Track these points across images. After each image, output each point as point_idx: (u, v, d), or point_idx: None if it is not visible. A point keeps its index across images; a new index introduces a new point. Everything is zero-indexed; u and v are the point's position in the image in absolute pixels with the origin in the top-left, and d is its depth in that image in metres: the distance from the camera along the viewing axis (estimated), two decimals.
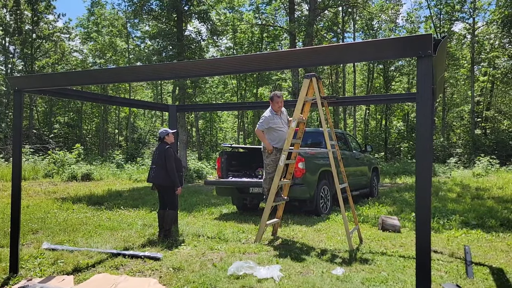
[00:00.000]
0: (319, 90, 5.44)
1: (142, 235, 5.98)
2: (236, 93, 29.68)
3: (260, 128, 5.80)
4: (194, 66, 3.96)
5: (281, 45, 27.73)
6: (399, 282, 3.87)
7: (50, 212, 8.00)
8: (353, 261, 4.62)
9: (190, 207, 8.70)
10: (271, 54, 3.56)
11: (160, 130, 6.02)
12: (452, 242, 5.63)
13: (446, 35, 4.74)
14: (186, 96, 18.53)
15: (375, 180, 10.83)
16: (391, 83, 29.60)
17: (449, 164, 19.48)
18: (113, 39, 29.41)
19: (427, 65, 2.78)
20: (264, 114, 5.85)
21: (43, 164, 16.49)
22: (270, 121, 5.76)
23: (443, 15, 27.16)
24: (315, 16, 19.84)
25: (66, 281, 3.96)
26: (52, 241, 5.56)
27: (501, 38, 25.04)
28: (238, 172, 8.44)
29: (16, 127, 4.33)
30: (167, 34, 17.74)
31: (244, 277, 4.02)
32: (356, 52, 3.19)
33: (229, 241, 5.63)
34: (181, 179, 5.90)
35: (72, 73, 5.31)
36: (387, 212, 8.02)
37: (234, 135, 36.12)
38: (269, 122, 5.76)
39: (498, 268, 4.40)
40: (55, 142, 26.31)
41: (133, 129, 32.47)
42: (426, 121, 2.78)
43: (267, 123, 5.76)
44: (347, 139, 9.96)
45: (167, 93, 33.49)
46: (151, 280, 3.98)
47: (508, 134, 24.44)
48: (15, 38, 27.14)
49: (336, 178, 5.29)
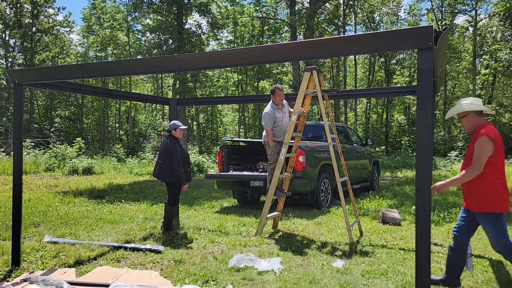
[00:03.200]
0: (320, 83, 5.42)
1: (143, 228, 6.01)
2: (237, 87, 29.61)
3: (268, 127, 5.75)
4: (195, 59, 3.95)
5: (282, 38, 27.60)
6: (399, 275, 3.89)
7: (51, 206, 8.03)
8: (353, 254, 4.64)
9: (191, 201, 8.73)
10: (274, 46, 3.54)
11: (170, 122, 5.83)
12: (452, 235, 5.63)
13: (448, 27, 4.71)
14: (186, 90, 18.50)
15: (376, 174, 10.84)
16: (392, 77, 29.49)
17: (450, 157, 19.48)
18: (114, 33, 29.30)
19: (428, 57, 2.76)
20: (266, 111, 5.78)
21: (44, 158, 16.53)
22: (272, 116, 5.75)
23: (445, 7, 26.99)
24: (316, 9, 19.73)
25: (68, 274, 3.98)
26: (54, 234, 5.59)
27: (503, 31, 24.89)
28: (239, 166, 8.44)
29: (17, 121, 4.33)
30: (167, 27, 17.67)
31: (244, 269, 4.04)
32: (357, 44, 3.16)
33: (230, 234, 5.65)
34: (188, 175, 5.80)
35: (73, 66, 5.30)
36: (387, 205, 8.03)
37: (235, 128, 36.09)
38: (271, 118, 5.75)
39: (498, 260, 4.42)
40: (56, 136, 26.33)
41: (133, 123, 32.47)
42: (427, 114, 2.77)
43: (270, 120, 5.74)
44: (348, 132, 9.95)
45: (168, 87, 33.46)
46: (152, 273, 4.00)
47: (509, 127, 24.39)
48: (15, 32, 27.06)
49: (336, 171, 5.29)
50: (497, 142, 3.30)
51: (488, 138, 3.26)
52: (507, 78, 27.77)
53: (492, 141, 3.26)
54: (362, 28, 28.80)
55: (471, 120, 3.45)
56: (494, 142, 3.27)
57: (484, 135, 3.28)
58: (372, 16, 28.11)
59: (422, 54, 2.77)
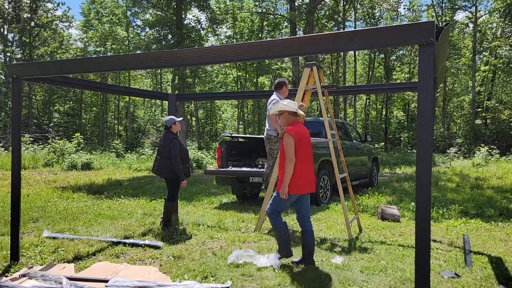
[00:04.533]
0: (320, 79, 5.40)
1: (142, 224, 6.00)
2: (236, 83, 29.55)
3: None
4: (195, 54, 3.92)
5: (281, 34, 27.51)
6: (398, 271, 3.89)
7: (50, 201, 8.02)
8: (353, 250, 4.65)
9: (190, 197, 8.72)
10: (275, 41, 3.51)
11: (166, 118, 5.81)
12: (451, 232, 5.65)
13: (449, 23, 4.69)
14: (185, 86, 18.46)
15: (375, 170, 10.84)
16: (392, 73, 29.44)
17: (449, 154, 19.49)
18: (114, 28, 29.17)
19: (429, 53, 2.74)
20: (275, 98, 5.64)
21: (43, 153, 16.50)
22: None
23: (445, 3, 26.90)
24: (315, 5, 19.65)
25: (67, 269, 3.98)
26: (53, 230, 5.58)
27: (503, 28, 24.83)
28: (238, 162, 8.43)
29: (15, 116, 4.31)
30: (166, 22, 17.59)
31: (244, 265, 4.04)
32: (357, 40, 3.14)
33: (229, 230, 5.65)
34: (187, 171, 5.78)
35: (72, 61, 5.25)
36: (386, 201, 8.04)
37: (234, 124, 36.05)
38: None
39: (497, 257, 4.42)
40: (55, 131, 26.27)
41: (132, 118, 32.41)
42: (428, 110, 2.75)
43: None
44: (347, 129, 9.94)
45: (167, 82, 33.36)
46: (151, 268, 4.00)
47: (508, 124, 24.38)
48: (13, 26, 26.93)
49: (336, 167, 5.28)
50: (297, 138, 3.99)
51: (288, 134, 3.97)
52: (507, 75, 27.72)
53: (292, 137, 3.96)
54: (362, 24, 28.69)
55: (286, 118, 4.16)
56: (294, 138, 3.96)
57: (285, 132, 4.03)
58: (372, 12, 28.00)
59: (423, 50, 2.76)
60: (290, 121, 4.16)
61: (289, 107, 4.12)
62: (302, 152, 4.05)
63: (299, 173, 3.99)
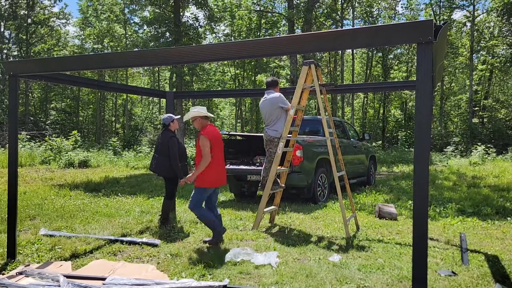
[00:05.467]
0: (318, 78, 5.39)
1: (140, 222, 6.00)
2: (234, 81, 29.50)
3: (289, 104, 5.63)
4: (193, 51, 3.90)
5: (279, 32, 27.46)
6: (396, 269, 3.90)
7: (47, 199, 7.99)
8: (350, 248, 4.66)
9: (188, 194, 8.71)
10: (273, 39, 3.50)
11: (163, 117, 5.80)
12: (448, 230, 5.67)
13: (448, 21, 4.71)
14: (183, 83, 18.41)
15: (373, 168, 10.86)
16: (390, 72, 29.48)
17: (446, 152, 19.55)
18: (111, 25, 29.05)
19: (427, 52, 2.74)
20: (279, 94, 5.71)
21: (39, 150, 16.42)
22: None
23: (443, 2, 26.92)
24: (313, 3, 19.62)
25: (64, 267, 3.97)
26: (50, 227, 5.57)
27: (501, 27, 24.88)
28: (235, 160, 8.42)
29: (12, 113, 4.29)
30: (164, 20, 17.53)
31: (241, 263, 4.05)
32: (356, 38, 3.14)
33: (227, 228, 5.63)
34: (185, 169, 5.78)
35: (70, 58, 5.23)
36: (384, 200, 8.06)
37: (232, 122, 36.02)
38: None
39: (493, 255, 4.44)
40: (52, 128, 26.19)
41: (130, 116, 32.32)
42: (425, 109, 2.76)
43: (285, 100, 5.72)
44: (345, 127, 9.95)
45: (164, 80, 33.27)
46: (149, 266, 4.00)
47: (505, 123, 24.49)
48: (10, 23, 26.78)
49: (334, 166, 5.28)
50: (212, 140, 4.63)
51: (204, 137, 4.58)
52: (504, 74, 27.81)
53: (209, 139, 4.59)
54: (360, 22, 28.71)
55: (199, 122, 4.74)
56: (210, 140, 4.60)
57: (201, 135, 4.61)
58: (370, 11, 28.00)
59: (422, 49, 2.76)
60: (203, 124, 4.74)
61: (201, 113, 4.71)
62: (218, 151, 4.72)
63: (215, 169, 4.67)
